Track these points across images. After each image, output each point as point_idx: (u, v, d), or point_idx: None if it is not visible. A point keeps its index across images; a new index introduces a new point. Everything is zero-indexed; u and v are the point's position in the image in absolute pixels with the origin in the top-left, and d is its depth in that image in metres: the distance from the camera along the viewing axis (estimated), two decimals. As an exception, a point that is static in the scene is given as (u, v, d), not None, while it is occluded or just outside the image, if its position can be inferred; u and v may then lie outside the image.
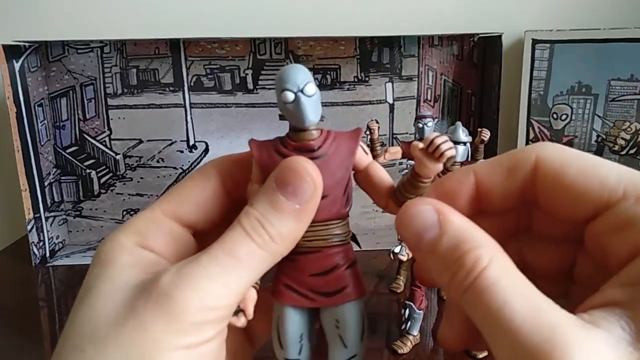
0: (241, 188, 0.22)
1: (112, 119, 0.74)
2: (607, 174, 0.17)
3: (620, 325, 0.14)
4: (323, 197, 0.19)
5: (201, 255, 0.18)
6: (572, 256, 0.20)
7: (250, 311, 0.19)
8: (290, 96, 0.18)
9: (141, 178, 0.76)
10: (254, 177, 0.21)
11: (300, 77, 0.19)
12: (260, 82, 0.75)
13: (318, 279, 0.20)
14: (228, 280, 0.18)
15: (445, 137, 0.19)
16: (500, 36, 0.69)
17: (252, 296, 0.19)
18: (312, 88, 0.19)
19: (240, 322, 0.19)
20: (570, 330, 0.14)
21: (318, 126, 0.20)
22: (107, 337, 0.17)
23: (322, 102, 0.20)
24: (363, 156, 0.21)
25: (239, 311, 0.19)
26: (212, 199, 0.22)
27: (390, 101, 0.77)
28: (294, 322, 0.20)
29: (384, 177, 0.21)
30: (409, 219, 0.18)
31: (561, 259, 0.20)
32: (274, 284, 0.21)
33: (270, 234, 0.18)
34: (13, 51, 0.65)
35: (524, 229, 0.21)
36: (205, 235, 0.22)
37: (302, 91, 0.18)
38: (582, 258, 0.19)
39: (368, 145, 0.57)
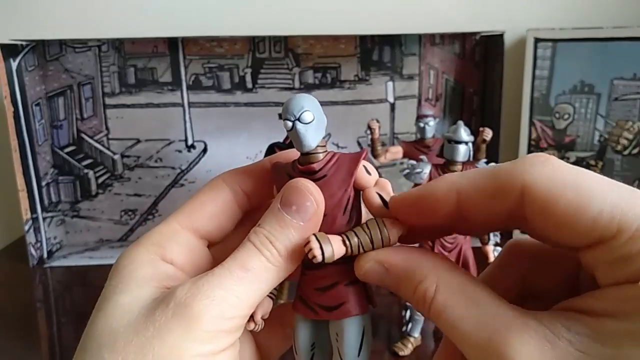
0: (251, 200, 0.24)
1: (109, 119, 0.74)
2: (600, 208, 0.16)
3: (565, 325, 0.16)
4: (323, 216, 0.21)
5: (216, 268, 0.20)
6: (575, 270, 0.20)
7: (257, 319, 0.21)
8: (288, 125, 0.20)
9: (139, 178, 0.76)
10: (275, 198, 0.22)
11: (297, 106, 0.20)
12: (259, 81, 0.74)
13: (321, 293, 0.21)
14: (241, 291, 0.19)
15: (315, 244, 0.20)
16: (502, 35, 0.68)
17: (265, 305, 0.21)
18: (308, 116, 0.20)
19: (250, 326, 0.21)
20: (508, 335, 0.16)
21: (326, 148, 0.22)
22: (126, 345, 0.18)
23: (322, 101, 0.21)
24: (364, 177, 0.22)
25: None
26: (224, 211, 0.23)
27: (391, 100, 0.77)
28: (304, 332, 0.22)
29: (376, 201, 0.22)
30: (365, 278, 0.20)
31: (565, 273, 0.20)
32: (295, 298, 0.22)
33: (277, 249, 0.20)
34: (10, 50, 0.65)
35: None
36: (218, 247, 0.23)
37: (298, 119, 0.20)
38: (583, 272, 0.19)
39: (369, 145, 0.57)
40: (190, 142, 0.75)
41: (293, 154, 0.23)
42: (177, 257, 0.21)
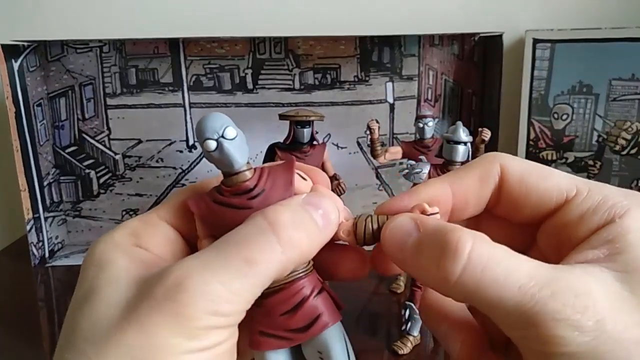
0: None
1: (111, 119, 0.74)
2: (560, 177, 0.20)
3: (600, 268, 0.17)
4: None
5: (214, 255, 0.17)
6: None
7: None
8: (212, 144, 0.18)
9: (140, 178, 0.76)
10: (200, 233, 0.20)
11: (218, 123, 0.18)
12: (260, 82, 0.74)
13: (289, 316, 0.19)
14: (241, 287, 0.17)
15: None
16: (501, 36, 0.69)
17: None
18: (232, 131, 0.18)
19: None
20: (568, 276, 0.16)
21: (250, 165, 0.20)
22: (109, 339, 0.16)
23: (321, 102, 0.21)
24: (302, 183, 0.21)
25: None
26: None
27: (391, 101, 0.77)
28: None
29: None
30: (390, 233, 0.19)
31: None
32: (250, 335, 0.20)
33: (300, 237, 0.18)
34: (12, 51, 0.65)
35: None
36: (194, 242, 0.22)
37: (222, 136, 0.18)
38: None
39: (368, 146, 0.57)
40: (191, 142, 0.76)
41: (204, 185, 0.21)
42: (153, 246, 0.20)
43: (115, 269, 0.18)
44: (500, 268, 0.16)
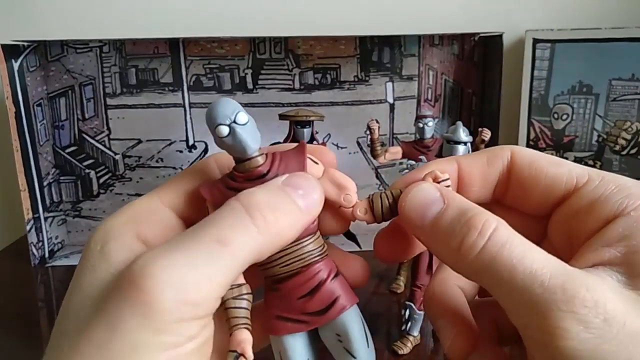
0: None
1: (111, 119, 0.74)
2: (572, 165, 0.20)
3: (609, 274, 0.16)
4: None
5: (183, 237, 0.17)
6: None
7: (250, 354, 0.18)
8: (224, 130, 0.18)
9: (140, 178, 0.76)
10: None
11: (229, 108, 0.18)
12: (259, 82, 0.74)
13: (307, 300, 0.19)
14: (213, 270, 0.16)
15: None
16: (501, 36, 0.69)
17: (248, 338, 0.18)
18: (244, 117, 0.19)
19: None
20: (581, 273, 0.16)
21: (261, 151, 0.20)
22: (80, 336, 0.16)
23: (321, 102, 0.21)
24: (314, 167, 0.20)
25: (238, 355, 0.18)
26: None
27: (391, 101, 0.77)
28: (297, 351, 0.20)
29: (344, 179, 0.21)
30: (413, 197, 0.19)
31: None
32: (265, 320, 0.20)
33: (276, 217, 0.17)
34: (12, 51, 0.65)
35: None
36: None
37: (235, 122, 0.18)
38: None
39: (368, 146, 0.57)
40: (191, 142, 0.76)
41: (203, 167, 0.21)
42: (151, 235, 0.19)
43: (101, 259, 0.18)
44: (517, 249, 0.16)
